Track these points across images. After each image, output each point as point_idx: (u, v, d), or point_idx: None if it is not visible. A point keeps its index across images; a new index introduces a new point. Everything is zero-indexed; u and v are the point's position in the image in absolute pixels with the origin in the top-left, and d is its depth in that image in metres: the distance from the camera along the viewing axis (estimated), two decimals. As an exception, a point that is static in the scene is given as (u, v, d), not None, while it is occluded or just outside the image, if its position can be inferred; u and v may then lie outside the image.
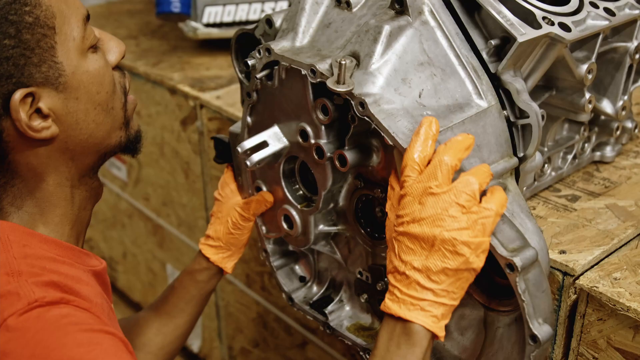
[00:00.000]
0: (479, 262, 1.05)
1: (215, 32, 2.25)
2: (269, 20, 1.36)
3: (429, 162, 1.08)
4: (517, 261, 1.06)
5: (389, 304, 1.08)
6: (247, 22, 2.23)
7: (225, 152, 1.51)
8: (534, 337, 1.10)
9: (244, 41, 1.43)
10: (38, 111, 1.08)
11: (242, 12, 2.23)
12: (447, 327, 1.09)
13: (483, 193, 1.09)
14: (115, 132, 1.18)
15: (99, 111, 1.14)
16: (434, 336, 1.07)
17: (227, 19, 2.24)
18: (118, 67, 1.20)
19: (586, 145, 1.50)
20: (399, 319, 1.07)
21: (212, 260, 1.49)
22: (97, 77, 1.13)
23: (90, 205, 1.23)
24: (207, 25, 2.24)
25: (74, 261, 1.14)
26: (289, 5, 1.40)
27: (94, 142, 1.15)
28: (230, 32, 2.16)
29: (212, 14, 2.23)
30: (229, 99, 1.97)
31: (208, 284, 1.51)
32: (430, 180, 1.06)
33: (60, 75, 1.08)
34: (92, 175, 1.21)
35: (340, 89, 1.12)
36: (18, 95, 1.05)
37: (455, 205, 1.04)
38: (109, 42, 1.19)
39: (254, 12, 2.23)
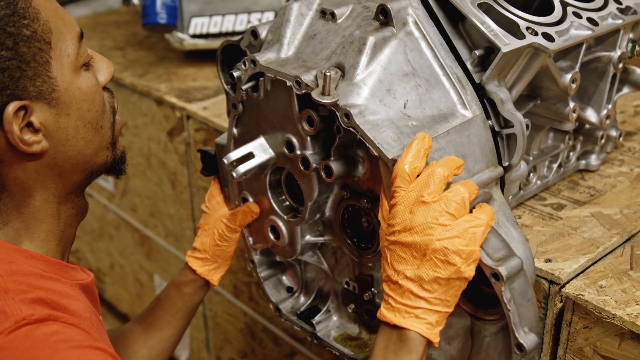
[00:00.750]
0: (470, 271, 1.06)
1: (201, 43, 2.25)
2: (254, 32, 1.36)
3: (418, 175, 1.09)
4: (503, 270, 1.06)
5: (385, 312, 1.10)
6: (234, 33, 2.24)
7: (212, 165, 1.51)
8: (520, 346, 1.11)
9: (230, 53, 1.43)
10: (29, 125, 1.07)
11: (229, 23, 2.24)
12: None
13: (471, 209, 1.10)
14: (103, 151, 1.18)
15: (89, 129, 1.14)
16: (429, 342, 1.08)
17: (214, 30, 2.24)
18: (106, 88, 1.20)
19: (571, 154, 1.51)
20: (395, 327, 1.08)
21: (198, 272, 1.49)
22: (88, 95, 1.13)
23: (76, 222, 1.23)
24: (194, 36, 2.24)
25: (60, 276, 1.14)
26: (275, 17, 1.40)
27: (82, 160, 1.15)
28: (216, 43, 2.16)
29: (198, 25, 2.23)
30: (215, 110, 1.97)
31: (194, 296, 1.51)
32: (423, 189, 1.07)
33: (53, 90, 1.08)
34: (79, 193, 1.20)
35: (325, 100, 1.13)
36: (12, 107, 1.04)
37: (446, 214, 1.05)
38: (100, 62, 1.19)
39: (240, 23, 2.24)
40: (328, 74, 1.12)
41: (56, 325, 1.02)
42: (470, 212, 1.09)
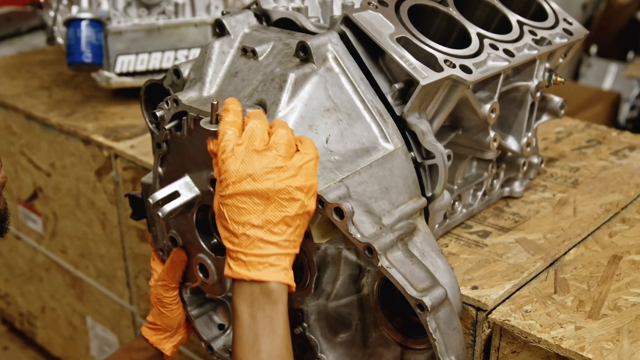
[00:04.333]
0: (312, 204, 1.10)
1: (128, 81, 2.24)
2: (176, 71, 1.36)
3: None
4: (427, 301, 1.08)
5: (236, 269, 1.10)
6: (161, 70, 2.23)
7: (141, 208, 1.50)
8: (447, 375, 1.12)
9: (154, 91, 1.42)
10: None
11: (155, 61, 2.23)
12: None
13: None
14: None
15: None
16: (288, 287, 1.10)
17: (141, 67, 2.23)
18: None
19: (495, 181, 1.54)
20: (253, 282, 1.09)
21: (151, 341, 1.46)
22: None
23: None
24: (121, 74, 2.23)
25: None
26: (199, 55, 1.40)
27: None
28: (143, 81, 2.15)
29: (125, 62, 2.22)
30: (143, 148, 1.96)
31: None
32: (252, 140, 1.09)
33: None
34: None
35: (247, 137, 1.13)
36: None
37: (279, 158, 1.09)
38: None
39: (167, 60, 2.23)
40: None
41: None
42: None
